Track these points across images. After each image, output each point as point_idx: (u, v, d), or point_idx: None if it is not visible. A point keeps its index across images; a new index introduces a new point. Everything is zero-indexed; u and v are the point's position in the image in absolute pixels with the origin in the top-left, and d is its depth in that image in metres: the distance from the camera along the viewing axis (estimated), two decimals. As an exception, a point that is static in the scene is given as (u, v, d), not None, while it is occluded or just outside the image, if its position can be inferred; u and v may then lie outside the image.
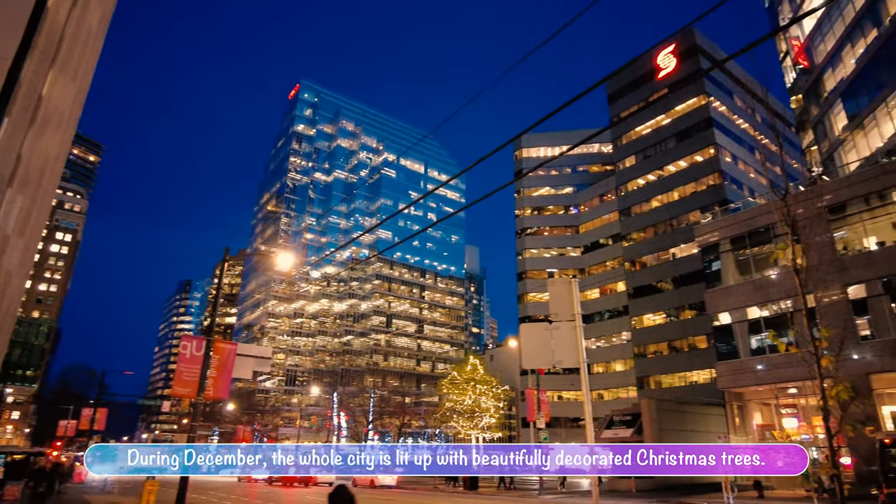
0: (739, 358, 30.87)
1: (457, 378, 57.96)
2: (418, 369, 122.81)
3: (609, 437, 39.28)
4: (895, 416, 25.20)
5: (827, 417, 12.26)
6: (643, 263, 63.84)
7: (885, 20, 36.83)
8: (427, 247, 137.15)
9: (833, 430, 12.41)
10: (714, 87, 62.35)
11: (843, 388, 11.75)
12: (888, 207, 26.70)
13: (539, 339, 6.76)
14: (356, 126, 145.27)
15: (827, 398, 12.09)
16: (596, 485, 6.32)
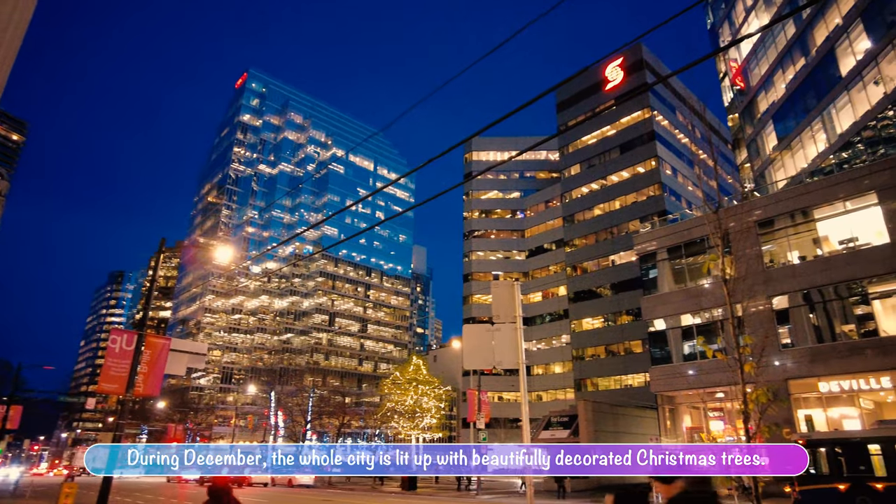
0: (672, 363, 32.12)
1: (399, 378, 57.71)
2: (360, 369, 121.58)
3: (546, 438, 40.08)
4: (809, 420, 26.87)
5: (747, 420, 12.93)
6: (584, 269, 65.56)
7: (812, 50, 39.31)
8: (374, 245, 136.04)
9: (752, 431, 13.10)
10: (658, 101, 64.80)
11: (762, 392, 12.40)
12: (810, 224, 28.47)
13: (480, 340, 6.77)
14: (305, 119, 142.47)
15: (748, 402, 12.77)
16: (531, 485, 6.38)
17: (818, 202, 27.98)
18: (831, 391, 26.41)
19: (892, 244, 24.98)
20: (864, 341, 25.52)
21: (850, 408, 26.39)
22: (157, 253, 18.15)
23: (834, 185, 27.77)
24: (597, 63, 7.14)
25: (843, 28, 35.91)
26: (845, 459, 18.14)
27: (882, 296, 25.90)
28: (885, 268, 25.14)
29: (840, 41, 36.21)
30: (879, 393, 25.81)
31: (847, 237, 27.15)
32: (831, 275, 26.81)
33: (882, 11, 32.72)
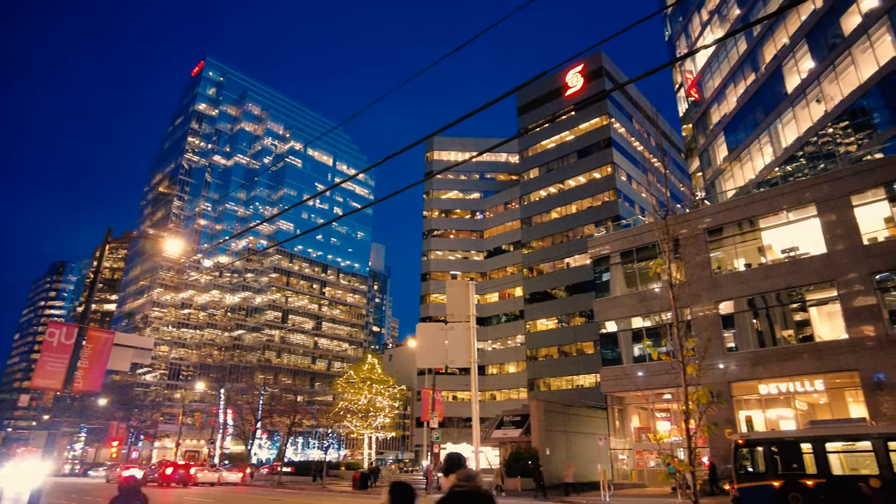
0: (622, 364, 32.92)
1: (353, 377, 57.07)
2: (314, 367, 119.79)
3: (499, 437, 40.41)
4: (749, 420, 28.01)
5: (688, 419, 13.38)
6: (540, 271, 66.50)
7: (762, 67, 41.01)
8: (331, 242, 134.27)
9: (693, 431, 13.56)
10: (616, 109, 66.32)
11: (702, 393, 12.84)
12: (755, 233, 29.69)
13: (433, 339, 6.73)
14: (263, 110, 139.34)
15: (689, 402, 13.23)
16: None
17: (763, 212, 29.20)
18: (770, 393, 27.61)
19: (828, 255, 26.30)
20: (801, 346, 26.79)
21: (786, 409, 27.66)
22: (103, 243, 17.37)
23: (778, 196, 29.04)
24: (557, 68, 7.23)
25: (789, 48, 37.62)
26: (780, 458, 18.97)
27: (818, 303, 27.25)
28: (820, 277, 26.46)
29: (787, 60, 37.91)
30: (813, 395, 27.15)
31: (789, 247, 28.43)
32: (774, 282, 28.02)
33: (825, 34, 34.43)
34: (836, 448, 18.19)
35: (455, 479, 4.07)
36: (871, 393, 23.76)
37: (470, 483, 4.04)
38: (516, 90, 7.57)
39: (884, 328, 24.12)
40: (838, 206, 26.38)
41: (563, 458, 36.47)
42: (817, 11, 34.93)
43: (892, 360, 23.51)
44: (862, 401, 24.23)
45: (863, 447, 17.64)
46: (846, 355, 24.79)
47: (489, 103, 7.82)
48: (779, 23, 38.79)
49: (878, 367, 23.75)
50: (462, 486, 4.03)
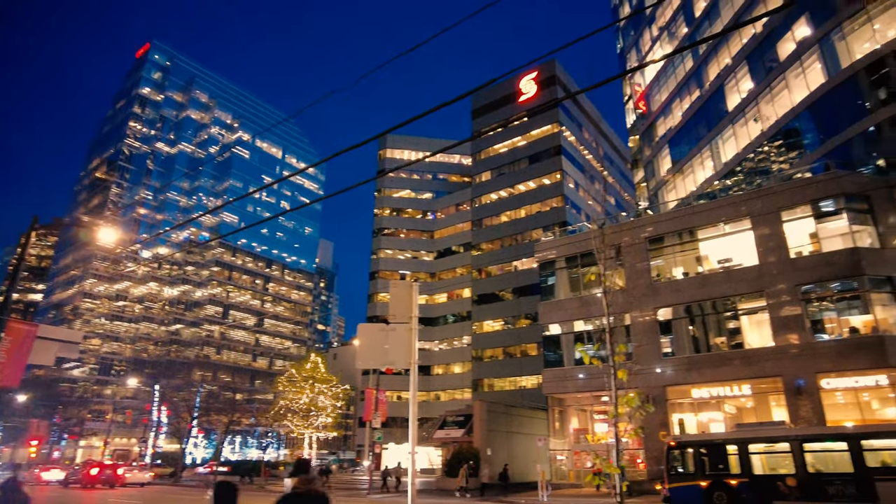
0: (563, 366, 33.62)
1: (295, 376, 55.95)
2: (255, 365, 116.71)
3: (441, 437, 40.49)
4: (681, 423, 29.16)
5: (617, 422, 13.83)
6: (489, 273, 67.16)
7: (706, 84, 42.81)
8: (277, 236, 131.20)
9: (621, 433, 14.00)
10: (567, 118, 67.76)
11: (630, 398, 13.29)
12: (694, 243, 30.94)
13: (374, 340, 6.63)
14: (211, 98, 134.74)
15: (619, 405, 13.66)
16: (413, 483, 6.34)
17: (702, 224, 30.48)
18: (702, 397, 28.83)
19: (760, 266, 27.71)
20: (732, 352, 28.10)
21: (716, 412, 28.94)
22: (29, 229, 16.30)
23: (716, 209, 30.39)
24: (512, 73, 7.27)
25: (731, 68, 39.45)
26: (708, 459, 19.83)
27: (748, 312, 28.66)
28: (752, 287, 27.85)
29: (729, 79, 39.74)
30: (741, 399, 28.53)
31: (724, 257, 29.78)
32: (709, 291, 29.29)
33: (763, 57, 36.31)
34: (758, 449, 19.17)
35: (296, 482, 4.65)
36: (792, 397, 25.19)
37: (307, 486, 4.63)
38: (470, 93, 7.58)
39: (806, 337, 25.63)
40: (770, 220, 27.84)
41: (504, 458, 36.90)
42: (757, 36, 36.78)
43: (812, 366, 25.00)
44: (784, 405, 25.64)
45: (781, 448, 18.66)
46: (772, 362, 26.17)
47: (443, 104, 7.79)
48: (722, 43, 40.61)
49: (799, 374, 25.21)
50: (299, 488, 4.61)
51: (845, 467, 17.25)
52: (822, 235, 26.75)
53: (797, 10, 33.19)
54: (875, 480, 16.59)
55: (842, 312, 26.10)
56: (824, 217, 26.91)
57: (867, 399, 25.19)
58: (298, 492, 4.61)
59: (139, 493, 33.11)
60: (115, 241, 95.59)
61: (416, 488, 24.20)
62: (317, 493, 4.64)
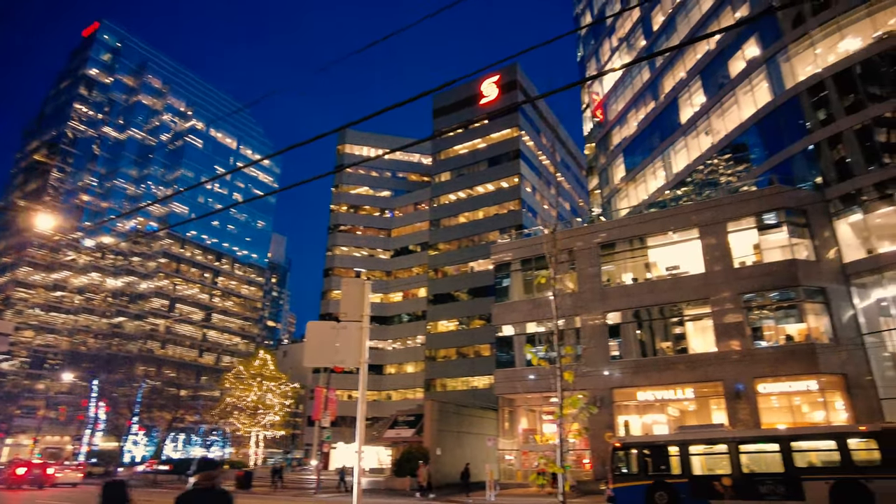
0: (515, 367, 34.01)
1: (243, 373, 54.65)
2: (201, 360, 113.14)
3: (392, 437, 40.31)
4: (627, 425, 29.95)
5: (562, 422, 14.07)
6: (445, 273, 67.29)
7: (661, 96, 44.11)
8: (228, 229, 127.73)
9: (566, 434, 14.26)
10: (526, 123, 68.62)
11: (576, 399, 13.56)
12: (643, 251, 31.84)
13: (324, 338, 6.50)
14: (164, 84, 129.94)
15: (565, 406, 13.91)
16: (359, 483, 6.24)
17: (652, 231, 31.40)
18: (647, 400, 29.69)
19: (706, 275, 28.77)
20: (677, 357, 29.06)
21: (660, 414, 29.88)
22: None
23: (666, 218, 31.39)
24: (474, 74, 7.28)
25: (685, 81, 40.80)
26: (651, 460, 20.43)
27: (693, 318, 29.71)
28: (697, 294, 28.88)
29: (682, 92, 41.08)
30: (684, 402, 29.54)
31: (672, 265, 30.77)
32: (657, 297, 30.20)
33: (716, 73, 37.71)
34: (698, 451, 19.87)
35: (198, 478, 5.00)
36: (732, 401, 26.26)
37: (207, 482, 4.93)
38: (431, 92, 7.58)
39: (746, 343, 26.76)
40: (717, 231, 28.95)
41: (453, 457, 37.01)
42: (710, 52, 38.17)
43: (751, 372, 26.13)
44: (724, 408, 26.69)
45: (719, 450, 19.40)
46: (714, 367, 27.21)
47: (405, 101, 7.73)
48: (678, 58, 41.95)
49: (739, 378, 26.30)
50: (200, 484, 4.91)
51: (776, 467, 18.08)
52: (764, 247, 28.01)
53: (748, 30, 34.63)
54: (802, 480, 17.46)
55: (779, 321, 27.41)
56: (767, 229, 28.18)
57: (798, 403, 26.51)
58: (199, 487, 4.90)
59: (69, 494, 31.55)
60: (55, 227, 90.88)
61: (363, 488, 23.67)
62: (218, 490, 4.93)
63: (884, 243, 26.47)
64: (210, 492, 4.91)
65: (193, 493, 4.94)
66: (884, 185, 26.54)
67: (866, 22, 28.87)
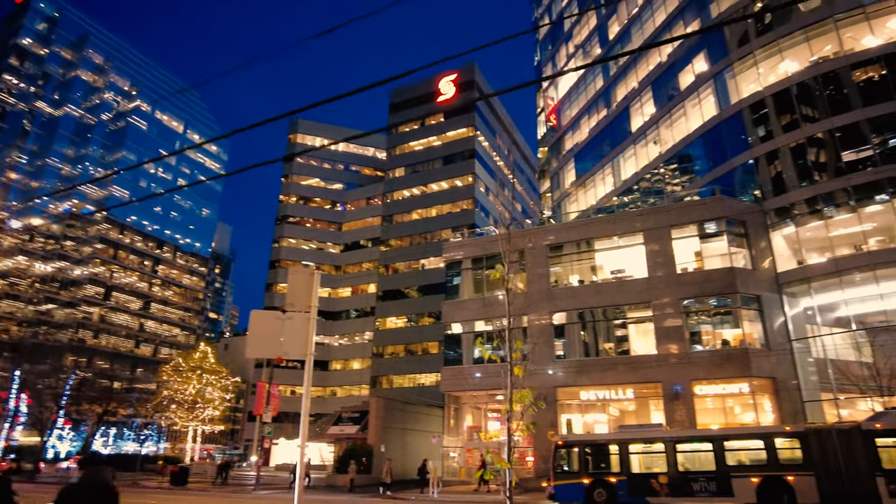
0: (462, 365, 34.14)
1: (182, 365, 52.69)
2: (138, 351, 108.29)
3: (335, 433, 39.77)
4: (569, 423, 30.58)
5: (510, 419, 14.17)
6: (396, 269, 66.92)
7: (613, 104, 45.22)
8: (171, 216, 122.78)
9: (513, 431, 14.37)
10: (482, 123, 69.04)
11: (524, 394, 13.68)
12: (590, 254, 32.58)
13: (268, 328, 6.25)
14: (106, 60, 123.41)
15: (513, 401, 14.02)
16: (302, 479, 6.04)
17: (599, 235, 32.16)
18: (589, 399, 30.40)
19: (649, 279, 29.69)
20: (619, 358, 29.89)
21: (602, 414, 30.65)
22: None
23: (613, 223, 32.24)
24: (431, 67, 7.19)
25: (637, 91, 41.97)
26: (591, 458, 20.92)
27: (636, 321, 30.62)
28: (640, 298, 29.78)
29: (634, 102, 42.25)
30: (624, 402, 30.41)
31: (617, 268, 31.60)
32: (601, 299, 30.96)
33: (667, 85, 38.97)
34: (637, 449, 20.48)
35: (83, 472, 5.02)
36: (669, 402, 27.22)
37: (93, 476, 4.91)
38: (388, 81, 7.41)
39: (685, 347, 27.79)
40: (661, 237, 29.92)
41: (398, 454, 36.86)
42: (662, 64, 39.42)
43: (688, 374, 27.16)
44: (662, 409, 27.63)
45: (657, 449, 20.06)
46: (654, 369, 28.12)
47: (360, 89, 7.56)
48: (631, 68, 43.11)
49: (677, 380, 27.28)
50: (85, 478, 4.92)
51: (709, 466, 18.86)
52: (705, 254, 29.18)
53: (697, 45, 35.98)
54: (732, 477, 18.28)
55: (716, 326, 28.62)
56: (708, 238, 29.38)
57: (731, 405, 27.76)
58: (84, 482, 4.89)
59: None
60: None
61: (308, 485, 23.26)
62: (103, 483, 4.89)
63: (812, 255, 28.06)
64: (96, 486, 4.85)
65: (78, 488, 4.86)
66: (814, 201, 28.12)
67: (804, 46, 30.49)
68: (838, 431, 17.96)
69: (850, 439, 17.49)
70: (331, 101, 7.97)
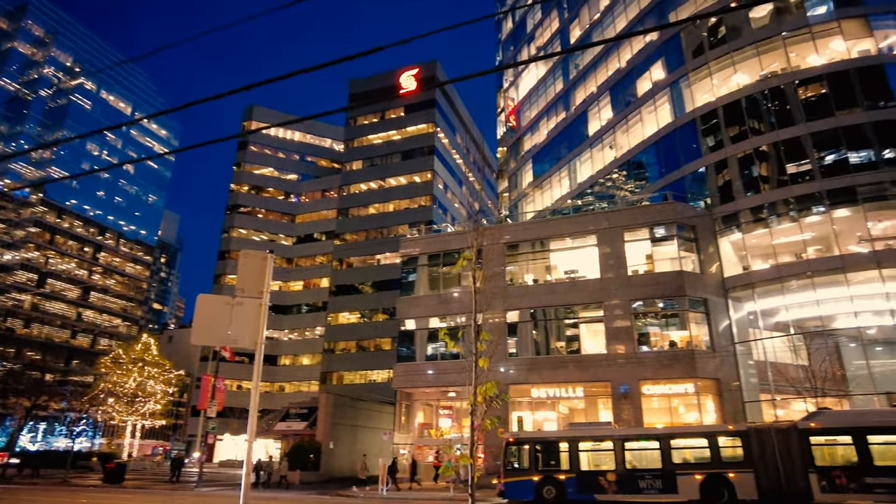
0: (416, 362, 33.93)
1: (122, 357, 50.30)
2: (74, 342, 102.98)
3: (283, 429, 38.86)
4: (520, 421, 30.80)
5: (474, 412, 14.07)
6: (350, 264, 66.01)
7: (572, 108, 45.84)
8: (115, 201, 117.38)
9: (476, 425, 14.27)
10: (443, 120, 68.85)
11: (490, 386, 13.60)
12: (545, 254, 32.93)
13: (216, 314, 5.83)
14: (47, 33, 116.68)
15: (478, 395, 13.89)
16: (248, 475, 5.65)
17: (554, 236, 32.54)
18: (539, 397, 30.71)
19: (601, 280, 30.22)
20: (570, 357, 30.30)
21: (551, 412, 31.02)
22: None
23: (568, 224, 32.70)
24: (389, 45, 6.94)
25: (595, 96, 42.68)
26: (541, 455, 21.07)
27: (587, 321, 31.12)
28: (592, 298, 30.29)
29: (592, 106, 42.96)
30: (574, 400, 30.85)
31: (571, 269, 32.03)
32: (555, 298, 31.32)
33: (624, 91, 39.77)
34: (586, 447, 20.75)
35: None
36: (617, 401, 27.79)
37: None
38: (346, 59, 7.10)
39: (633, 347, 28.42)
40: (613, 239, 30.50)
41: (347, 451, 36.33)
42: (621, 70, 40.21)
43: (637, 374, 27.79)
44: (610, 407, 28.18)
45: (606, 446, 20.38)
46: (603, 368, 28.64)
47: (316, 66, 7.23)
48: (590, 72, 43.80)
49: (624, 380, 27.87)
50: None
51: (655, 464, 19.29)
52: (655, 258, 29.92)
53: (656, 53, 36.88)
54: (677, 475, 18.75)
55: (664, 327, 29.38)
56: (659, 241, 30.13)
57: (676, 404, 28.55)
58: None
59: None
60: None
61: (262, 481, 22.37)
62: None
63: (757, 261, 29.20)
64: None
65: None
66: (759, 210, 29.28)
67: (755, 61, 31.69)
68: (777, 430, 18.69)
69: (787, 438, 18.24)
70: (287, 78, 7.63)
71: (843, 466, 17.46)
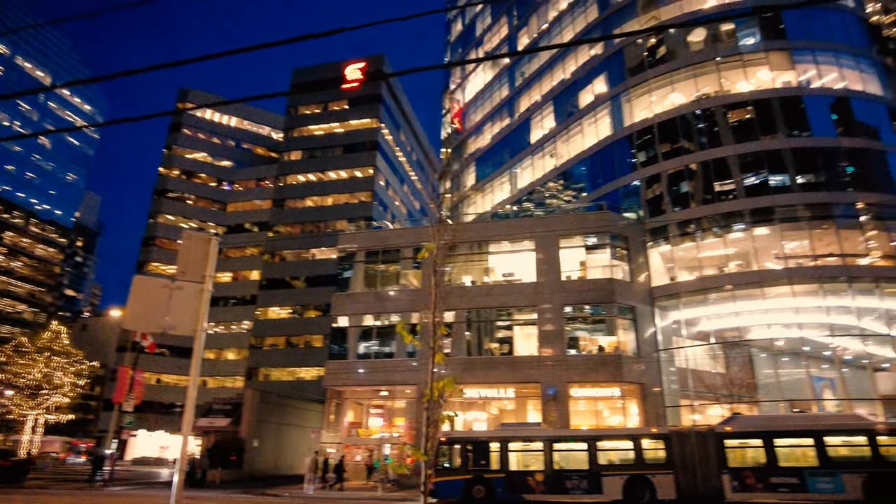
0: (348, 359, 33.38)
1: (26, 345, 46.51)
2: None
3: (204, 426, 37.16)
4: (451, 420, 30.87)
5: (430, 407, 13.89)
6: (283, 257, 64.20)
7: (516, 115, 46.61)
8: (27, 177, 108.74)
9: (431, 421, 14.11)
10: (388, 117, 68.25)
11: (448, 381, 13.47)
12: (483, 256, 33.27)
13: (154, 297, 5.43)
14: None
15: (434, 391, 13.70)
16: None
17: (493, 239, 32.93)
18: (472, 397, 30.95)
19: (536, 284, 30.85)
20: (502, 358, 30.74)
21: (482, 412, 31.33)
22: None
23: (507, 228, 33.18)
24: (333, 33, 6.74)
25: (539, 105, 43.58)
26: (472, 455, 21.19)
27: (521, 323, 31.68)
28: (527, 301, 30.86)
29: (535, 114, 43.82)
30: (504, 401, 31.31)
31: (508, 272, 32.53)
32: (491, 300, 31.68)
33: (567, 102, 40.84)
34: (516, 448, 21.04)
35: None
36: (546, 402, 28.41)
37: None
38: (280, 43, 6.80)
39: (562, 350, 29.17)
40: (549, 245, 31.22)
41: (272, 449, 35.23)
42: (565, 81, 41.26)
43: (565, 377, 28.53)
44: (539, 409, 28.77)
45: (535, 447, 20.75)
46: (533, 370, 29.23)
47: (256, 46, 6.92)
48: (535, 81, 44.66)
49: (553, 382, 28.56)
50: None
51: (582, 465, 19.82)
52: (589, 265, 30.86)
53: (599, 67, 38.10)
54: (602, 476, 19.36)
55: (593, 332, 30.36)
56: (592, 249, 31.11)
57: (601, 407, 29.56)
58: None
59: None
60: None
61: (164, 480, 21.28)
62: None
63: (683, 273, 30.69)
64: None
65: None
66: (686, 224, 30.80)
67: (691, 82, 33.37)
68: (696, 434, 19.69)
69: (705, 441, 19.25)
70: (224, 56, 7.21)
71: (752, 467, 18.63)
